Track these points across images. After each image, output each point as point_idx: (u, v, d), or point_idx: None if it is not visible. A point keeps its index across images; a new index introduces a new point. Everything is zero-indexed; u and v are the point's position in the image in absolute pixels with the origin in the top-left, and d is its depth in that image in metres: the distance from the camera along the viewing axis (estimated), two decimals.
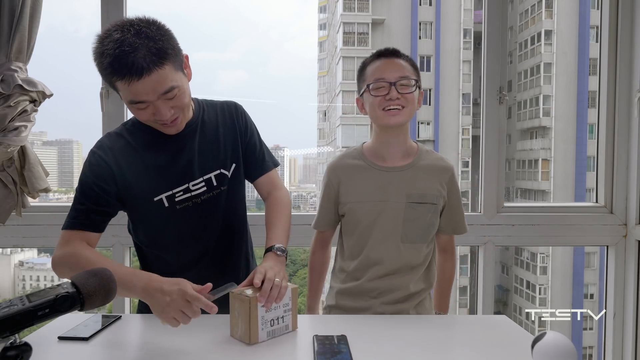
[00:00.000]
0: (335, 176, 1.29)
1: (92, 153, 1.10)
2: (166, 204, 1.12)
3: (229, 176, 1.19)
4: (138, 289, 0.94)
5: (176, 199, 1.13)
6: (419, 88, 1.23)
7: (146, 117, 1.03)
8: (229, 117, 1.22)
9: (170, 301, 0.89)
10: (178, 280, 0.92)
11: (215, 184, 1.17)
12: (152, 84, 0.96)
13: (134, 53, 0.93)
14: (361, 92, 1.25)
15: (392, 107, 1.18)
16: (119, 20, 0.99)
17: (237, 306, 0.97)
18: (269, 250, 1.10)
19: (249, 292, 0.97)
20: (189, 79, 1.08)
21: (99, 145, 1.11)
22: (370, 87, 1.19)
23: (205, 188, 1.15)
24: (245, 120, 1.25)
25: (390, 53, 1.23)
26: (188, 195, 1.14)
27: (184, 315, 0.90)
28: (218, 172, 1.17)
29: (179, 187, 1.12)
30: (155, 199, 1.11)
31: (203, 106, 1.21)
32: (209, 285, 0.94)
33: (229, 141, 1.20)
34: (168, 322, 0.91)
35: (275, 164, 1.30)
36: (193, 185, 1.14)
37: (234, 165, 1.21)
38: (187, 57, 1.06)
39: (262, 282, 0.97)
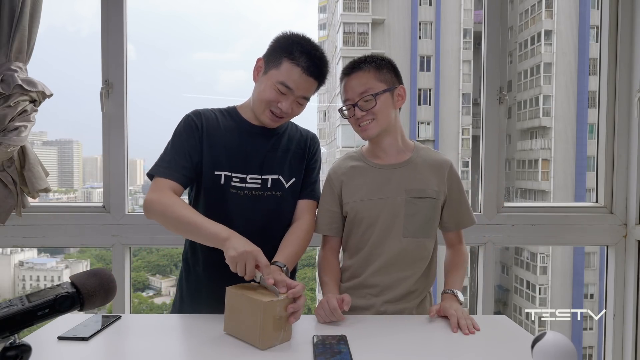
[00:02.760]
0: (337, 179, 1.32)
1: (187, 116, 1.25)
2: (222, 182, 1.22)
3: (286, 186, 1.27)
4: (222, 234, 1.06)
5: (232, 183, 1.23)
6: (389, 91, 1.24)
7: (272, 97, 1.18)
8: (304, 141, 1.34)
9: (245, 251, 1.01)
10: (253, 246, 1.03)
11: (269, 186, 1.25)
12: (307, 86, 1.19)
13: (320, 63, 1.19)
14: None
15: (362, 123, 1.25)
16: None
17: (254, 309, 0.95)
18: (273, 263, 1.12)
19: (265, 298, 0.96)
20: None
21: (194, 111, 1.27)
22: (343, 109, 1.28)
23: (259, 185, 1.25)
24: (315, 150, 1.36)
25: (351, 68, 1.27)
26: (243, 185, 1.23)
27: (242, 266, 1.00)
28: (277, 177, 1.26)
29: (237, 173, 1.23)
30: (216, 172, 1.22)
31: (289, 123, 1.35)
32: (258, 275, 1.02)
33: (297, 158, 1.31)
34: (235, 268, 1.02)
35: (315, 197, 1.34)
36: (250, 178, 1.24)
37: (293, 179, 1.29)
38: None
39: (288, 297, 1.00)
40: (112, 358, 0.96)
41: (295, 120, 1.37)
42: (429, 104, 13.79)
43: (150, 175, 1.21)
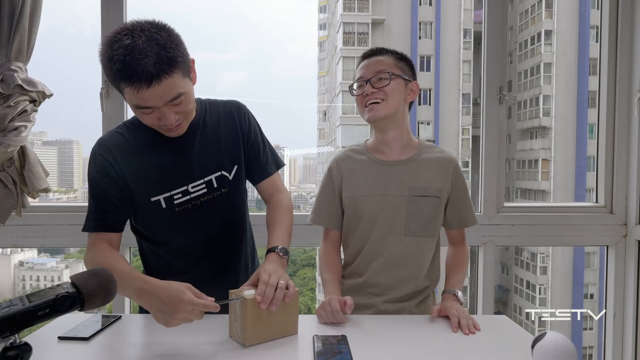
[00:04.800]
0: (338, 169, 1.30)
1: (94, 153, 1.10)
2: (164, 206, 1.11)
3: (230, 178, 1.18)
4: (132, 290, 0.95)
5: (175, 202, 1.12)
6: (405, 79, 1.23)
7: (151, 122, 1.03)
8: (231, 118, 1.19)
9: (171, 309, 0.88)
10: (176, 288, 0.89)
11: (215, 185, 1.16)
12: (161, 92, 0.95)
13: (144, 60, 0.91)
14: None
15: (371, 102, 1.21)
16: (129, 23, 0.96)
17: (234, 307, 0.97)
18: (271, 250, 1.09)
19: (246, 292, 0.96)
20: (194, 83, 1.06)
21: (100, 143, 1.10)
22: (353, 86, 1.25)
23: (205, 190, 1.14)
24: (248, 121, 1.22)
25: (372, 52, 1.26)
26: (187, 197, 1.13)
27: (187, 320, 0.90)
28: (219, 173, 1.16)
29: (177, 189, 1.12)
30: (153, 199, 1.10)
31: (206, 106, 1.19)
32: (212, 299, 0.92)
33: (231, 142, 1.18)
34: (168, 326, 0.90)
35: (279, 165, 1.28)
36: (192, 187, 1.13)
37: (235, 167, 1.19)
38: (193, 61, 1.04)
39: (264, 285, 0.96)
40: (112, 358, 0.95)
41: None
42: (429, 104, 13.76)
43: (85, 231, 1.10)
